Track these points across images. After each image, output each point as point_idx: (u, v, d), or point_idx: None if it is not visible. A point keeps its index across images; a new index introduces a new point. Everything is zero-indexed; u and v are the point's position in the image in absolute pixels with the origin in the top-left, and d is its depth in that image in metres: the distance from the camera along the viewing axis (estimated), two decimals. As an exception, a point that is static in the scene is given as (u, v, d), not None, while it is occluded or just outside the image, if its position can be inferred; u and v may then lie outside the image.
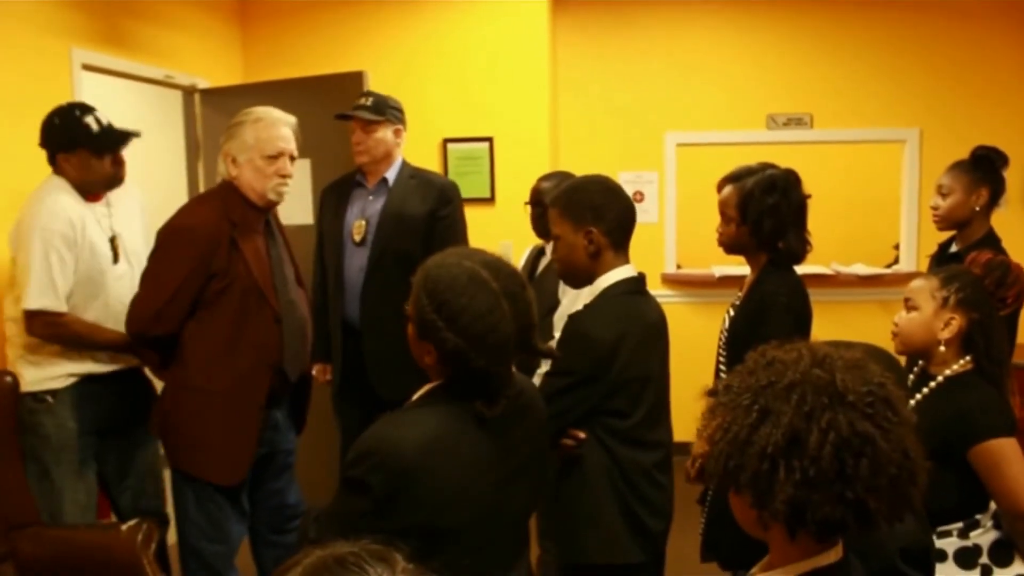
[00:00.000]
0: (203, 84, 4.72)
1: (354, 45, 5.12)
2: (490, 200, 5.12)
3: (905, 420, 1.17)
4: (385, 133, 3.63)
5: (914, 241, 5.34)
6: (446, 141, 5.12)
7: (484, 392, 1.69)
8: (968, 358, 2.25)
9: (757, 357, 1.26)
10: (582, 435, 2.22)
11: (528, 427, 1.82)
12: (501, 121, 5.09)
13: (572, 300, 2.98)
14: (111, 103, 5.47)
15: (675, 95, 5.45)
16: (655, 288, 5.20)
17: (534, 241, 3.67)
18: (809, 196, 2.87)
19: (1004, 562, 2.15)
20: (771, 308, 2.68)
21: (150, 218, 5.53)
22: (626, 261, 2.34)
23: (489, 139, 5.09)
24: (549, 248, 3.47)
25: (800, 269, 2.84)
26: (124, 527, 2.76)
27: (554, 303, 3.31)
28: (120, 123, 5.38)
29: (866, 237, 6.18)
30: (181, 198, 4.88)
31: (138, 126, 5.70)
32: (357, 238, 3.63)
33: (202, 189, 4.79)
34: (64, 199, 2.95)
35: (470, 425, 1.67)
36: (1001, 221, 5.17)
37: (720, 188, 2.87)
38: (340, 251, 3.66)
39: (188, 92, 4.70)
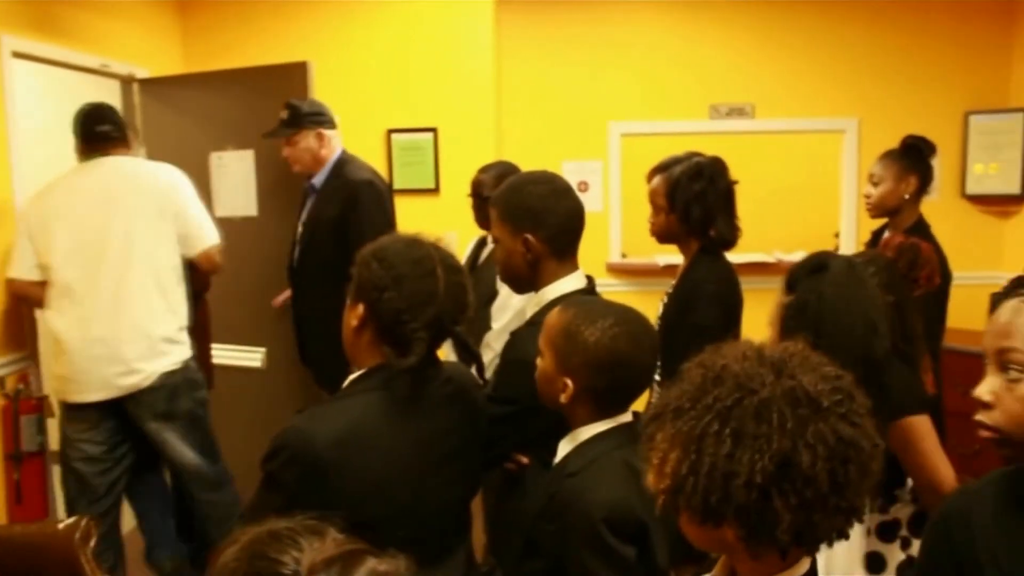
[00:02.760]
0: (142, 74, 4.63)
1: (297, 35, 5.06)
2: (435, 191, 5.11)
3: (865, 407, 1.12)
4: (307, 141, 3.73)
5: (853, 228, 5.43)
6: (390, 132, 5.10)
7: (396, 340, 1.67)
8: None
9: (702, 371, 1.13)
10: (525, 460, 2.08)
11: (458, 414, 1.82)
12: (445, 112, 5.07)
13: (510, 292, 2.85)
14: (44, 93, 5.37)
15: (618, 85, 5.47)
16: (601, 277, 5.22)
17: (479, 232, 3.68)
18: (736, 182, 2.93)
19: (922, 533, 2.22)
20: (700, 296, 2.72)
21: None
22: (573, 268, 2.15)
23: (433, 130, 5.08)
24: (491, 238, 3.48)
25: (742, 257, 2.89)
26: (61, 525, 2.71)
27: (492, 293, 3.31)
28: (55, 113, 5.36)
29: (808, 225, 6.26)
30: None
31: (73, 116, 5.59)
32: (297, 240, 3.85)
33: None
34: None
35: (392, 413, 1.67)
36: (936, 209, 5.30)
37: (650, 179, 2.93)
38: (291, 251, 3.88)
39: (126, 82, 4.61)
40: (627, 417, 1.74)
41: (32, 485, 3.53)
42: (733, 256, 2.97)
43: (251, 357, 4.34)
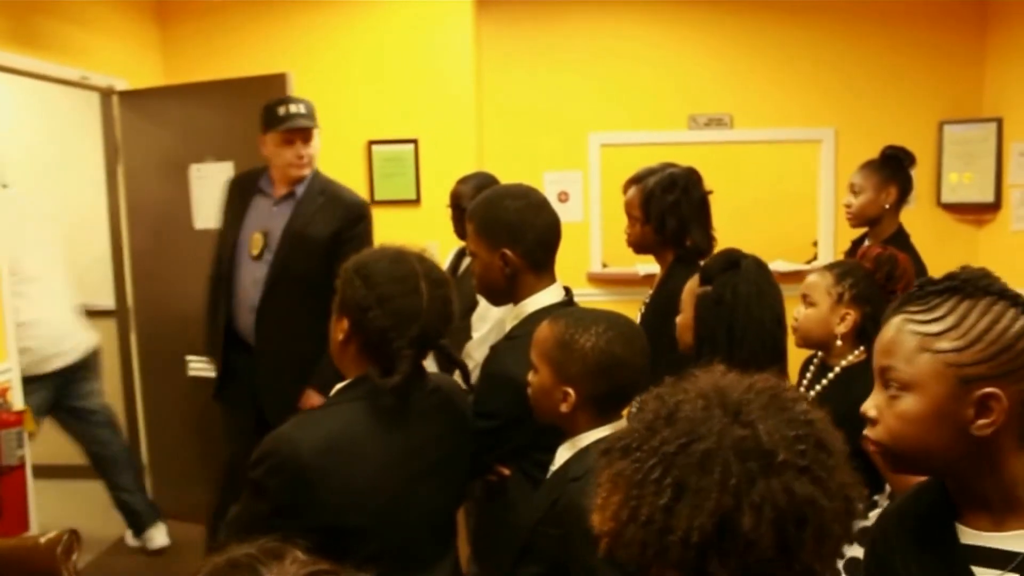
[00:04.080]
0: (121, 85, 4.62)
1: (277, 46, 5.06)
2: (415, 202, 5.12)
3: (839, 454, 1.03)
4: (317, 140, 3.51)
5: (831, 237, 5.49)
6: (371, 143, 5.11)
7: (381, 356, 1.67)
8: (862, 349, 2.32)
9: (656, 405, 1.05)
10: (507, 472, 2.09)
11: (443, 424, 1.82)
12: (426, 123, 5.09)
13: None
14: (23, 105, 5.35)
15: (598, 96, 5.51)
16: (581, 287, 5.25)
17: (459, 242, 3.69)
18: (711, 192, 2.95)
19: None
20: (676, 307, 2.75)
21: (68, 223, 5.39)
22: (551, 281, 2.17)
23: (414, 141, 5.09)
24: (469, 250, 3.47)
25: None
26: (43, 539, 2.69)
27: (472, 304, 3.30)
28: (33, 125, 5.43)
29: (786, 234, 6.32)
30: (100, 202, 4.78)
31: (53, 128, 5.60)
32: (254, 252, 3.45)
33: (122, 193, 4.70)
34: None
35: (377, 422, 1.67)
36: (912, 217, 5.33)
37: (625, 190, 2.97)
38: (233, 260, 3.51)
39: (106, 94, 4.60)
40: (623, 423, 1.76)
41: (12, 499, 3.50)
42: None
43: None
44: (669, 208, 2.85)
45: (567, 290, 2.21)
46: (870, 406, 1.30)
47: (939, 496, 1.29)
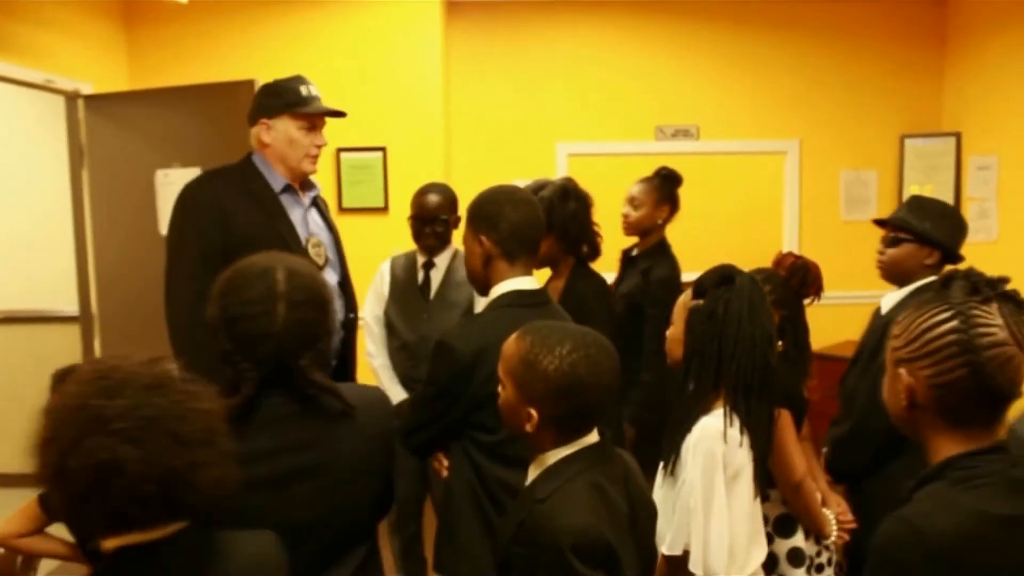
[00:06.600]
0: (87, 89, 4.59)
1: (244, 53, 5.05)
2: (383, 209, 5.12)
3: (182, 438, 1.29)
4: None
5: (796, 248, 5.55)
6: (339, 150, 5.10)
7: (231, 374, 1.66)
8: (779, 344, 2.41)
9: (82, 367, 1.39)
10: (445, 462, 2.30)
11: (315, 430, 1.73)
12: (394, 131, 5.10)
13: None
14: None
15: (566, 106, 5.55)
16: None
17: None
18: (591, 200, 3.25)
19: (786, 534, 2.40)
20: (589, 309, 2.94)
21: (33, 228, 5.31)
22: (524, 273, 2.28)
23: (382, 149, 5.09)
24: (438, 259, 3.51)
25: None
26: (3, 549, 2.66)
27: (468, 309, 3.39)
28: (-3, 129, 5.13)
29: (751, 244, 6.38)
30: (64, 208, 4.74)
31: (17, 132, 5.53)
32: (319, 262, 2.90)
33: (87, 199, 4.65)
34: None
35: (246, 421, 1.64)
36: (874, 228, 5.40)
37: None
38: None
39: (71, 98, 4.56)
40: (593, 438, 1.74)
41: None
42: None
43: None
44: (570, 216, 3.10)
45: (536, 288, 2.31)
46: None
47: None
